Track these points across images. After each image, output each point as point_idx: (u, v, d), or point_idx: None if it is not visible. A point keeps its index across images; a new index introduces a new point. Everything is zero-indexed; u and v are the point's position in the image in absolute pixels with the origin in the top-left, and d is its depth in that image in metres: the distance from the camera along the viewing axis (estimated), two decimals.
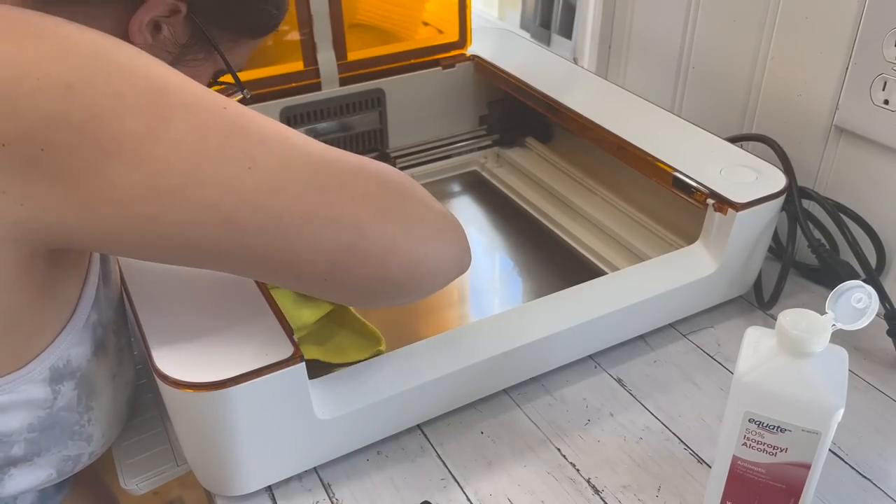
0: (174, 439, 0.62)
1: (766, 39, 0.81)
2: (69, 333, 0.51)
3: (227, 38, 0.55)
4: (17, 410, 0.49)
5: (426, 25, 0.97)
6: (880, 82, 0.69)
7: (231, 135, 0.42)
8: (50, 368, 0.50)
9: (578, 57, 1.13)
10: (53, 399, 0.51)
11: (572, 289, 0.65)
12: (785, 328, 0.44)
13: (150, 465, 0.61)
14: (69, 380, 0.51)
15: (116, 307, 0.58)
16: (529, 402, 0.64)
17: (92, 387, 0.54)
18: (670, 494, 0.56)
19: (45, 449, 0.52)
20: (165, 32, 0.51)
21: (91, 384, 0.54)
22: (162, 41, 0.51)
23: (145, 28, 0.50)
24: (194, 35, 0.53)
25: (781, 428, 0.45)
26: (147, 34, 0.50)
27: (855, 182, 0.75)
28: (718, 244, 0.68)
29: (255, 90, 0.86)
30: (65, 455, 0.54)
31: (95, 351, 0.54)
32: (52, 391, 0.50)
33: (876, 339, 0.69)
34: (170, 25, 0.51)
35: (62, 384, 0.51)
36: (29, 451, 0.51)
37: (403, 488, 0.56)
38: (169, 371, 0.48)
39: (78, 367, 0.52)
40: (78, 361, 0.52)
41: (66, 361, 0.51)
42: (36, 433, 0.51)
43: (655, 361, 0.68)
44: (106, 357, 0.55)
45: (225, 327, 0.52)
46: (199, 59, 0.54)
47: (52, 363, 0.50)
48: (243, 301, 0.54)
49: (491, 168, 0.99)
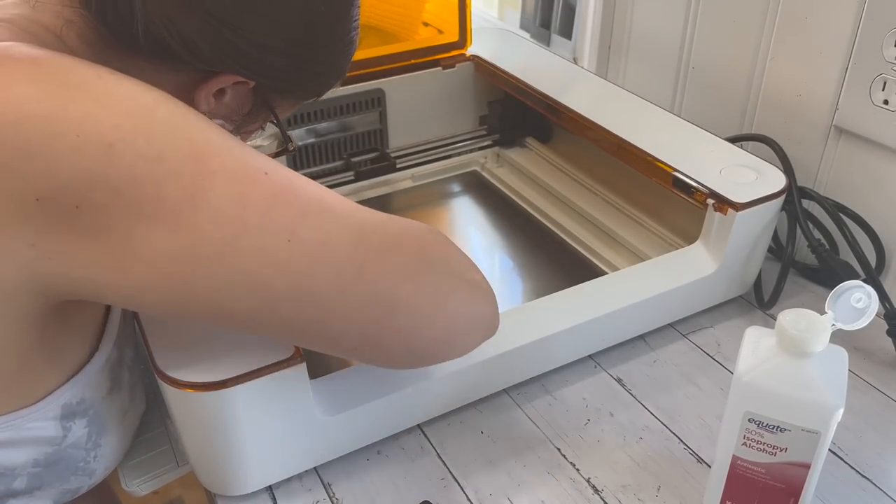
0: (175, 440, 0.62)
1: (766, 39, 0.81)
2: (87, 374, 0.50)
3: (286, 106, 0.56)
4: (24, 446, 0.48)
5: (426, 25, 0.97)
6: (880, 82, 0.69)
7: (272, 205, 0.41)
8: (62, 406, 0.49)
9: (578, 57, 1.13)
10: (63, 437, 0.50)
11: (572, 289, 0.65)
12: (785, 328, 0.44)
13: (151, 466, 0.61)
14: (81, 417, 0.51)
15: (134, 343, 0.57)
16: (529, 402, 0.64)
17: (103, 425, 0.53)
18: (670, 494, 0.56)
19: (47, 483, 0.51)
20: (229, 100, 0.51)
21: (103, 422, 0.53)
22: (224, 107, 0.52)
23: (211, 96, 0.50)
24: (256, 104, 0.53)
25: (781, 428, 0.45)
26: (211, 100, 0.50)
27: (855, 182, 0.75)
28: (718, 244, 0.68)
29: None
30: (65, 488, 0.53)
31: (111, 389, 0.53)
32: (63, 428, 0.49)
33: (876, 339, 0.69)
34: (235, 93, 0.51)
35: (73, 422, 0.50)
36: (30, 484, 0.50)
37: (403, 488, 0.56)
38: (170, 371, 0.48)
39: (92, 405, 0.51)
40: (92, 399, 0.51)
41: (80, 399, 0.50)
42: (41, 468, 0.50)
43: (655, 361, 0.68)
44: (119, 394, 0.55)
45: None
46: (257, 124, 0.55)
47: (65, 401, 0.49)
48: None
49: (491, 168, 0.99)
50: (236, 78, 0.49)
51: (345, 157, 0.93)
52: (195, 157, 0.40)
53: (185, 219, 0.39)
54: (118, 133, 0.38)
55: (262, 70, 0.49)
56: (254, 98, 0.52)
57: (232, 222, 0.40)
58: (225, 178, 0.40)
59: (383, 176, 0.94)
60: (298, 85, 0.54)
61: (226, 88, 0.50)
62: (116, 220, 0.38)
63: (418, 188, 0.97)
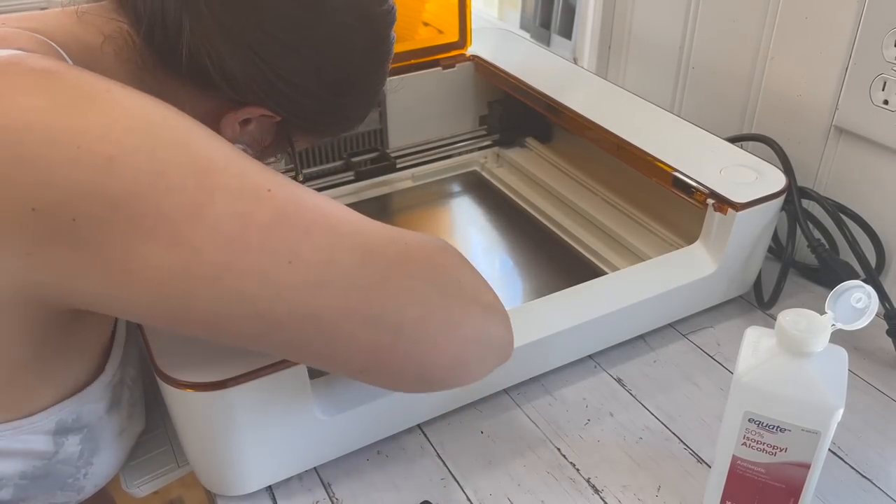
0: (175, 440, 0.62)
1: (766, 39, 0.81)
2: (87, 394, 0.50)
3: (304, 142, 0.56)
4: (14, 457, 0.47)
5: (426, 25, 0.97)
6: (880, 82, 0.69)
7: (274, 224, 0.40)
8: (57, 422, 0.48)
9: (578, 57, 1.13)
10: (55, 452, 0.49)
11: (572, 289, 0.65)
12: (785, 328, 0.44)
13: (151, 467, 0.60)
14: (75, 434, 0.50)
15: (138, 361, 0.56)
16: (529, 402, 0.64)
17: (97, 443, 0.52)
18: (670, 494, 0.56)
19: (32, 496, 0.50)
20: (253, 129, 0.52)
21: (97, 440, 0.52)
22: (248, 136, 0.52)
23: (237, 124, 0.51)
24: (279, 137, 0.54)
25: (781, 428, 0.45)
26: (237, 128, 0.51)
27: (855, 182, 0.75)
28: (718, 244, 0.68)
29: None
30: (51, 502, 0.52)
31: (109, 408, 0.52)
32: (55, 443, 0.49)
33: (876, 339, 0.69)
34: (260, 125, 0.52)
35: (67, 437, 0.49)
36: (16, 496, 0.49)
37: (403, 488, 0.56)
38: (170, 371, 0.48)
39: (87, 423, 0.50)
40: (89, 417, 0.50)
41: (77, 416, 0.49)
42: (27, 480, 0.49)
43: (655, 361, 0.68)
44: (118, 413, 0.54)
45: None
46: (275, 155, 0.56)
47: (60, 417, 0.48)
48: None
49: (491, 168, 0.99)
50: (265, 111, 0.50)
51: (345, 157, 0.93)
52: (197, 173, 0.39)
53: (184, 236, 0.38)
54: (120, 147, 0.37)
55: (292, 109, 0.51)
56: (277, 132, 0.54)
57: (231, 242, 0.39)
58: (226, 195, 0.39)
59: (383, 176, 0.94)
60: (323, 126, 0.55)
61: (252, 119, 0.51)
62: (114, 234, 0.37)
63: (418, 188, 0.97)
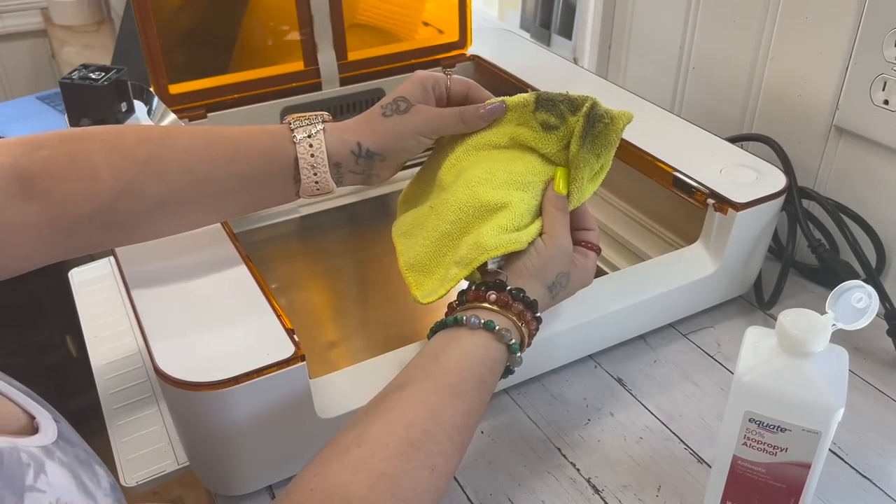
0: (174, 438, 0.62)
1: (766, 39, 0.81)
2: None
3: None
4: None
5: (426, 25, 0.97)
6: (880, 82, 0.69)
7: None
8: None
9: (578, 57, 1.13)
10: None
11: None
12: (785, 328, 0.44)
13: (150, 462, 0.60)
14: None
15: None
16: (529, 402, 0.64)
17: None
18: (670, 494, 0.56)
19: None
20: None
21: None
22: None
23: None
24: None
25: (782, 428, 0.45)
26: None
27: (855, 182, 0.75)
28: (718, 244, 0.68)
29: (256, 90, 0.86)
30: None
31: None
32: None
33: (876, 339, 0.69)
34: None
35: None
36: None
37: None
38: (170, 370, 0.48)
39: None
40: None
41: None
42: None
43: (655, 361, 0.68)
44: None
45: (226, 326, 0.52)
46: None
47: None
48: (244, 300, 0.54)
49: None
50: None
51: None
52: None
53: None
54: None
55: None
56: None
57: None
58: None
59: None
60: None
61: None
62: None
63: None
